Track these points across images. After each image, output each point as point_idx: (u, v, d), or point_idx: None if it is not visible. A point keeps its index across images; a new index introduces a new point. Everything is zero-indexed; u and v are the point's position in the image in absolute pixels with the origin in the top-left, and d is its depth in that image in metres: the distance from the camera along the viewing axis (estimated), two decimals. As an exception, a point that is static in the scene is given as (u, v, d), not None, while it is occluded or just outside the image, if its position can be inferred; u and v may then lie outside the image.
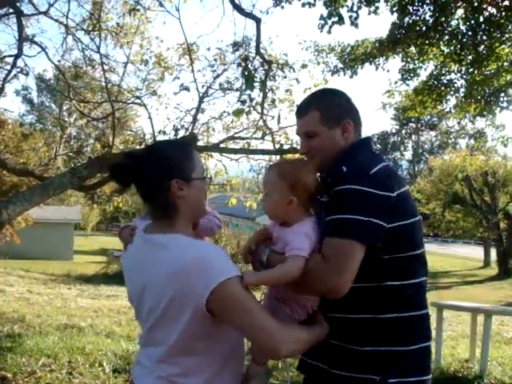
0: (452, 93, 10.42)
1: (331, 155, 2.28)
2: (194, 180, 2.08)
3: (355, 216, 2.01)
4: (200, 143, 9.78)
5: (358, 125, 2.38)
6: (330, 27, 8.84)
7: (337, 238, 2.01)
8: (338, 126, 2.30)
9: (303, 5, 8.90)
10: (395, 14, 9.11)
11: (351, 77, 10.55)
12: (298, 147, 2.63)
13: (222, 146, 10.19)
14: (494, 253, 36.69)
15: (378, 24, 12.65)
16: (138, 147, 11.06)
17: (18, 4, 8.78)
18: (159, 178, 2.03)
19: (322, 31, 8.90)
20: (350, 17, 8.81)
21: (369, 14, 9.21)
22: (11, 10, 9.15)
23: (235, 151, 10.25)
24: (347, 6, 8.84)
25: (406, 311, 2.15)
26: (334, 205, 2.07)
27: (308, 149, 2.35)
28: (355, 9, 8.81)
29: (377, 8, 9.12)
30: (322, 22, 8.87)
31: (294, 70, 9.92)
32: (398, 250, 2.13)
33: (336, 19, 8.78)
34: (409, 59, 10.18)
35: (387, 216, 2.05)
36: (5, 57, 11.91)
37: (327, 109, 2.33)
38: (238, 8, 8.52)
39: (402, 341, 2.13)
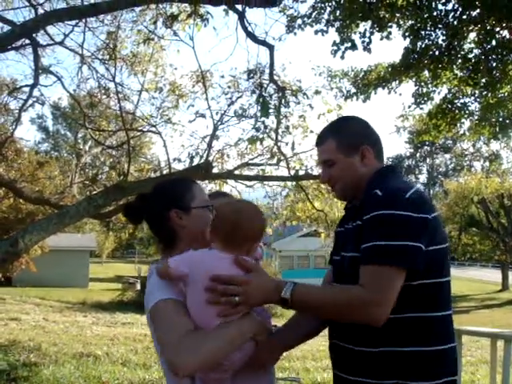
0: (466, 116, 10.39)
1: (352, 182, 2.28)
2: (193, 209, 2.24)
3: (394, 242, 1.96)
4: (215, 170, 9.81)
5: (379, 150, 2.36)
6: (343, 53, 8.90)
7: (376, 265, 1.97)
8: (357, 153, 2.28)
9: (316, 32, 8.96)
10: (407, 39, 9.14)
11: (364, 101, 10.55)
12: (313, 173, 2.68)
13: (236, 172, 10.21)
14: (511, 276, 36.28)
15: (390, 48, 12.70)
16: (153, 175, 11.12)
17: (34, 35, 8.91)
18: (159, 210, 2.23)
19: (335, 57, 8.95)
20: (363, 42, 8.86)
21: (381, 39, 9.26)
22: (27, 41, 9.28)
23: (249, 178, 10.27)
24: (360, 33, 8.90)
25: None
26: (371, 231, 2.02)
27: (328, 177, 2.36)
28: (368, 34, 8.86)
29: (389, 33, 9.17)
30: (335, 48, 8.93)
31: (307, 97, 9.97)
32: (433, 275, 2.09)
33: (349, 45, 8.83)
34: (422, 83, 10.18)
35: (425, 239, 2.01)
36: (21, 87, 12.09)
37: (343, 136, 2.32)
38: (251, 36, 8.59)
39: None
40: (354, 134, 2.34)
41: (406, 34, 9.01)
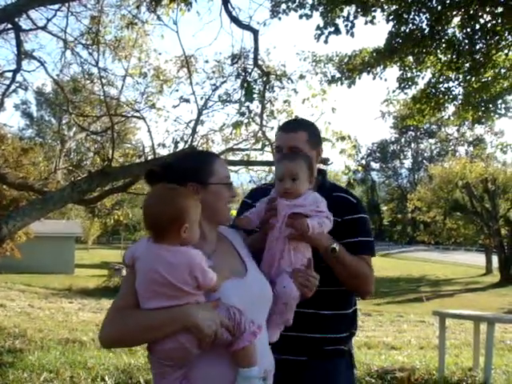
0: (450, 100, 10.42)
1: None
2: (211, 185, 2.20)
3: (372, 238, 2.74)
4: (199, 155, 9.79)
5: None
6: (327, 37, 8.90)
7: (370, 255, 2.69)
8: (316, 150, 2.71)
9: (300, 16, 8.94)
10: (391, 23, 9.14)
11: (349, 86, 10.56)
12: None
13: (221, 157, 10.19)
14: (495, 260, 36.63)
15: (375, 33, 12.70)
16: (137, 160, 11.08)
17: (16, 19, 8.81)
18: (176, 181, 2.15)
19: (318, 41, 8.95)
20: (346, 26, 8.86)
21: (365, 23, 9.26)
22: (10, 26, 9.17)
23: (234, 163, 10.26)
24: (343, 17, 8.88)
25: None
26: (356, 229, 2.65)
27: None
28: (351, 18, 8.86)
29: (373, 18, 9.17)
30: (319, 32, 8.92)
31: (292, 81, 9.95)
32: None
33: (332, 29, 8.82)
34: (406, 68, 10.19)
35: None
36: (4, 72, 11.94)
37: (312, 132, 2.74)
38: (236, 20, 8.55)
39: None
40: (318, 134, 2.81)
41: (390, 18, 9.01)
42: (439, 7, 8.71)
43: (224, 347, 2.00)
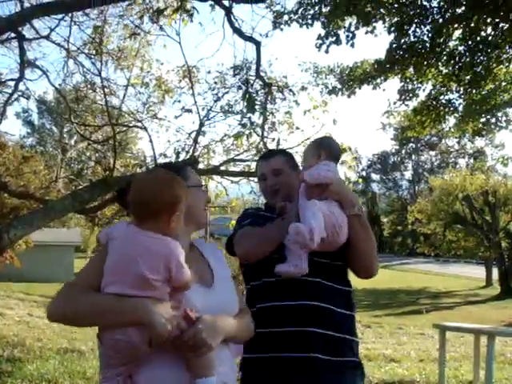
0: (450, 112, 10.44)
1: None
2: (189, 188, 2.20)
3: None
4: (201, 166, 9.80)
5: None
6: (328, 47, 8.94)
7: None
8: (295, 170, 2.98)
9: (301, 25, 8.99)
10: (392, 35, 9.18)
11: (349, 96, 10.61)
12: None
13: (222, 168, 10.20)
14: (495, 272, 36.52)
15: (376, 45, 12.73)
16: (138, 170, 11.09)
17: (19, 28, 8.86)
18: None
19: (319, 50, 9.00)
20: (347, 36, 8.92)
21: (366, 33, 9.31)
22: (13, 35, 9.22)
23: (235, 174, 10.27)
24: (344, 27, 8.94)
25: None
26: None
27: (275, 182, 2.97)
28: (352, 29, 8.91)
29: (374, 28, 9.23)
30: (320, 41, 8.97)
31: (293, 94, 9.97)
32: None
33: (333, 39, 8.87)
34: (407, 80, 10.22)
35: None
36: (6, 80, 11.97)
37: (290, 156, 3.13)
38: (238, 32, 8.60)
39: None
40: (295, 159, 3.14)
41: (391, 29, 9.05)
42: (440, 20, 8.76)
43: (179, 352, 1.95)
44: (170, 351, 1.95)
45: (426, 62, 9.39)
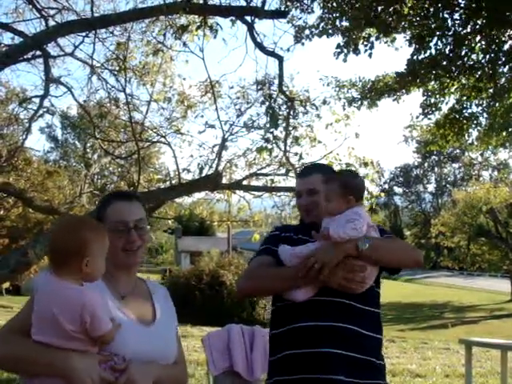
0: (474, 126, 10.38)
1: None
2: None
3: None
4: (223, 180, 9.82)
5: None
6: (346, 55, 8.99)
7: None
8: None
9: (320, 35, 9.04)
10: (413, 46, 9.17)
11: (369, 108, 10.62)
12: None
13: (244, 183, 10.23)
14: (521, 286, 36.09)
15: (398, 59, 12.75)
16: (162, 185, 11.15)
17: (45, 46, 9.00)
18: None
19: (337, 59, 9.04)
20: (366, 45, 8.96)
21: (386, 42, 9.35)
22: (38, 52, 9.36)
23: (258, 189, 10.28)
24: (364, 37, 8.99)
25: None
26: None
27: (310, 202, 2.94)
28: (372, 40, 8.95)
29: (394, 38, 9.27)
30: (338, 50, 9.03)
31: (316, 107, 9.98)
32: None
33: (352, 48, 8.92)
34: (429, 93, 10.19)
35: None
36: (32, 97, 12.15)
37: (326, 171, 3.03)
38: (261, 46, 8.65)
39: None
40: (332, 172, 3.11)
41: (412, 41, 9.05)
42: (461, 32, 8.74)
43: None
44: None
45: (448, 75, 9.36)
